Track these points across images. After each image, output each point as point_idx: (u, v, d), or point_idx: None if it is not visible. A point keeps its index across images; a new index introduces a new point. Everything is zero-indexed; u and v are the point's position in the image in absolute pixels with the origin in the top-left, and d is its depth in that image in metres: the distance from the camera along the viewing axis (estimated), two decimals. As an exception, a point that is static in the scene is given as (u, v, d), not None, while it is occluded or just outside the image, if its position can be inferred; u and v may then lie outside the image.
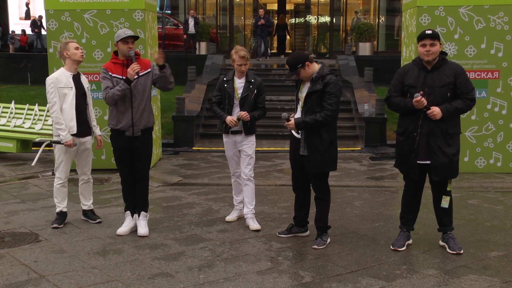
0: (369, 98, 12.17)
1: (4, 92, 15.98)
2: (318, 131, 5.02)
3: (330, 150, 5.07)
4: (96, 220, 5.95)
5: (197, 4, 24.18)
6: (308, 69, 5.01)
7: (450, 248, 4.97)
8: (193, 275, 4.53)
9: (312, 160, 5.06)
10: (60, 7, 8.47)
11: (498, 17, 8.14)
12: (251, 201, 5.84)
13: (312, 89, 5.00)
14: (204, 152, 10.61)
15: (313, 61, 5.09)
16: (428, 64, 4.87)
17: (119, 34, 5.34)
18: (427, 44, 4.79)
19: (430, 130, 4.82)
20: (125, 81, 5.25)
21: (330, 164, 5.12)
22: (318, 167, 5.07)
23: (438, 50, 4.84)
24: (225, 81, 5.75)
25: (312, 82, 5.03)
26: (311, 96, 5.02)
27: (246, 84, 5.70)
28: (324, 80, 4.97)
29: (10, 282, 4.40)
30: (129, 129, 5.40)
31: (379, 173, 8.62)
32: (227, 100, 5.70)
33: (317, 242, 5.21)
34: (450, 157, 4.85)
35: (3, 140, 9.62)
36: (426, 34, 4.82)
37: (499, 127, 8.33)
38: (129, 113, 5.37)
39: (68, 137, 5.64)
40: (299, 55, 5.09)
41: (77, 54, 5.70)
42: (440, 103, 4.79)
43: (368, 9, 23.84)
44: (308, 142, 5.06)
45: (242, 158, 5.81)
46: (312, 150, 5.04)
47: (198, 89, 13.28)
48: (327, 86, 4.95)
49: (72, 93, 5.66)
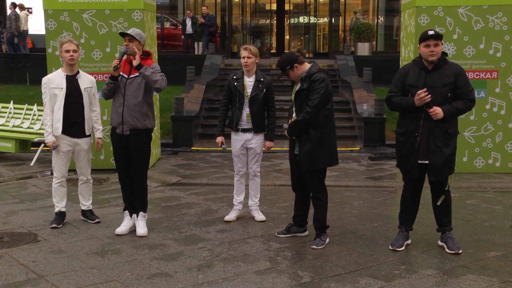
0: (368, 98, 12.17)
1: (3, 92, 15.95)
2: (308, 132, 5.05)
3: (320, 147, 5.05)
4: (94, 220, 5.94)
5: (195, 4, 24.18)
6: (297, 71, 5.06)
7: (449, 248, 4.97)
8: (192, 275, 4.53)
9: (302, 158, 5.10)
10: (58, 7, 8.47)
11: (496, 17, 8.15)
12: (256, 194, 6.06)
13: (300, 88, 5.07)
14: (203, 152, 10.61)
15: (303, 62, 5.12)
16: (429, 64, 4.88)
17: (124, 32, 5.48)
18: (431, 44, 4.80)
19: (430, 130, 4.83)
20: (110, 77, 5.40)
21: (320, 161, 5.08)
22: (307, 164, 5.08)
23: (441, 50, 4.87)
24: (235, 79, 5.84)
25: (301, 81, 5.09)
26: (299, 95, 5.09)
27: (255, 83, 5.79)
28: (310, 78, 5.01)
29: (9, 282, 4.40)
30: (119, 126, 5.45)
31: (378, 173, 8.62)
32: (237, 98, 5.80)
33: (315, 242, 5.22)
34: (447, 156, 4.86)
35: (2, 140, 9.61)
36: (430, 35, 4.83)
37: (498, 127, 8.34)
38: (120, 111, 5.42)
39: (49, 138, 5.66)
40: (288, 56, 5.14)
41: (66, 56, 5.67)
42: (440, 103, 4.80)
43: (367, 9, 23.86)
44: (298, 140, 5.13)
45: (250, 155, 5.94)
46: (301, 148, 5.09)
47: (197, 89, 13.27)
48: (312, 83, 4.99)
49: (61, 94, 5.64)
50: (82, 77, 5.82)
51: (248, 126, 5.84)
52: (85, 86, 5.78)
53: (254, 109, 5.77)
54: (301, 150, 5.10)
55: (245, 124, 5.84)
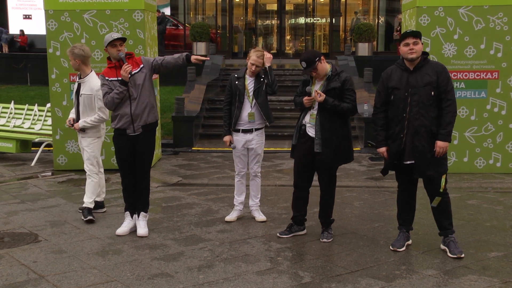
0: (369, 98, 12.18)
1: (4, 92, 15.97)
2: (334, 129, 5.19)
3: (346, 144, 5.29)
4: (86, 218, 5.96)
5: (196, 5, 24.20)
6: (324, 63, 5.19)
7: (451, 252, 4.93)
8: (192, 275, 4.53)
9: (327, 155, 5.19)
10: (59, 7, 8.47)
11: (497, 18, 8.14)
12: (256, 194, 6.08)
13: (330, 86, 5.17)
14: (203, 152, 10.61)
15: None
16: (410, 65, 4.91)
17: (106, 39, 5.37)
18: (410, 42, 4.84)
19: (415, 130, 4.84)
20: (121, 83, 5.29)
21: (344, 157, 5.33)
22: (332, 161, 5.25)
23: (421, 48, 4.89)
24: (236, 77, 5.87)
25: (328, 80, 5.20)
26: (329, 94, 5.16)
27: (256, 80, 5.81)
28: (341, 78, 5.19)
29: (10, 282, 4.40)
30: (130, 126, 5.40)
31: (378, 174, 8.60)
32: (237, 97, 5.81)
33: (324, 235, 5.36)
34: (431, 155, 4.86)
35: (3, 140, 9.61)
36: (408, 33, 4.88)
37: (499, 128, 8.33)
38: (128, 110, 5.38)
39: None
40: (313, 51, 5.36)
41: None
42: (425, 102, 4.82)
43: (368, 9, 23.87)
44: (323, 139, 5.18)
45: (251, 155, 5.96)
46: (326, 146, 5.18)
47: (197, 89, 13.28)
48: (345, 83, 5.18)
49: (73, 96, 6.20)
50: (86, 81, 6.07)
51: (249, 126, 5.85)
52: (85, 90, 6.05)
53: (259, 102, 5.79)
54: (326, 148, 5.18)
55: (246, 125, 5.84)
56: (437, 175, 4.90)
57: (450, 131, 4.85)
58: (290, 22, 23.78)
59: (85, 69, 6.04)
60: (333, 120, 5.18)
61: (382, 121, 5.05)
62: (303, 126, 5.31)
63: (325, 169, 5.29)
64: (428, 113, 4.83)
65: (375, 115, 5.12)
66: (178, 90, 14.37)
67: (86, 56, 6.01)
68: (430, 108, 4.83)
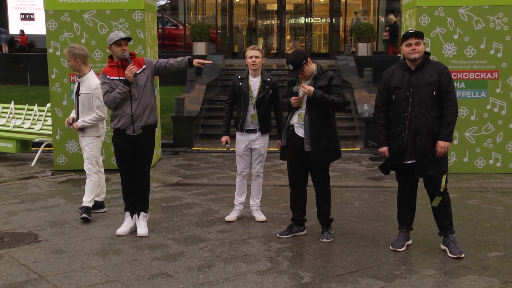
0: (369, 98, 12.17)
1: (4, 92, 15.96)
2: (323, 128, 5.17)
3: (334, 142, 5.28)
4: (81, 216, 5.98)
5: (196, 5, 24.18)
6: (310, 65, 5.19)
7: (451, 252, 4.93)
8: (192, 275, 4.53)
9: (317, 155, 5.19)
10: (59, 7, 8.48)
11: (497, 18, 8.14)
12: (257, 195, 6.08)
13: (318, 85, 5.16)
14: (203, 152, 10.61)
15: None
16: (412, 65, 4.91)
17: (111, 37, 5.35)
18: (413, 43, 4.84)
19: (417, 130, 4.84)
20: (124, 83, 5.28)
21: (333, 155, 5.31)
22: (324, 160, 5.24)
23: (423, 49, 4.90)
24: (240, 79, 5.85)
25: (315, 79, 5.19)
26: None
27: (261, 84, 5.80)
28: (327, 76, 5.20)
29: (10, 282, 4.40)
30: (130, 126, 5.40)
31: (378, 174, 8.59)
32: (242, 98, 5.80)
33: (324, 235, 5.37)
34: (432, 155, 4.86)
35: (3, 140, 9.61)
36: (411, 33, 4.88)
37: (499, 128, 8.33)
38: (129, 110, 5.37)
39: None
40: (300, 53, 5.31)
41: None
42: (426, 102, 4.83)
43: (368, 9, 23.85)
44: (313, 138, 5.18)
45: (254, 155, 5.97)
46: (316, 146, 5.18)
47: (197, 89, 13.28)
48: (332, 80, 5.19)
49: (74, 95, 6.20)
50: (84, 81, 6.07)
51: (253, 127, 5.85)
52: (83, 89, 6.07)
53: (262, 111, 5.80)
54: (315, 148, 5.18)
55: (250, 125, 5.85)
56: (438, 175, 4.90)
57: (451, 131, 4.85)
58: (290, 22, 23.76)
59: (84, 69, 6.04)
60: (321, 119, 5.18)
61: (383, 120, 5.04)
62: (291, 126, 5.31)
63: (317, 168, 5.29)
64: (430, 113, 4.83)
65: (376, 114, 5.11)
66: (178, 90, 14.37)
67: (87, 56, 6.05)
68: (431, 108, 4.84)
